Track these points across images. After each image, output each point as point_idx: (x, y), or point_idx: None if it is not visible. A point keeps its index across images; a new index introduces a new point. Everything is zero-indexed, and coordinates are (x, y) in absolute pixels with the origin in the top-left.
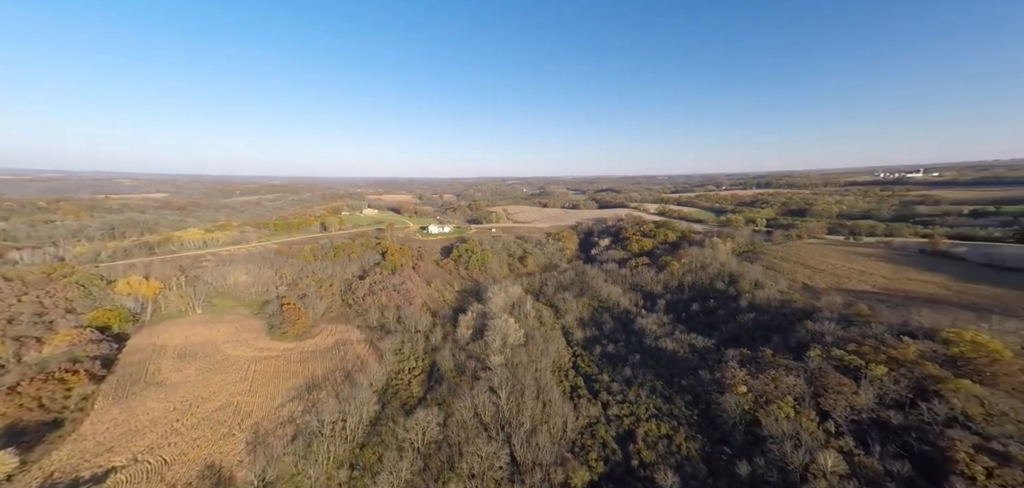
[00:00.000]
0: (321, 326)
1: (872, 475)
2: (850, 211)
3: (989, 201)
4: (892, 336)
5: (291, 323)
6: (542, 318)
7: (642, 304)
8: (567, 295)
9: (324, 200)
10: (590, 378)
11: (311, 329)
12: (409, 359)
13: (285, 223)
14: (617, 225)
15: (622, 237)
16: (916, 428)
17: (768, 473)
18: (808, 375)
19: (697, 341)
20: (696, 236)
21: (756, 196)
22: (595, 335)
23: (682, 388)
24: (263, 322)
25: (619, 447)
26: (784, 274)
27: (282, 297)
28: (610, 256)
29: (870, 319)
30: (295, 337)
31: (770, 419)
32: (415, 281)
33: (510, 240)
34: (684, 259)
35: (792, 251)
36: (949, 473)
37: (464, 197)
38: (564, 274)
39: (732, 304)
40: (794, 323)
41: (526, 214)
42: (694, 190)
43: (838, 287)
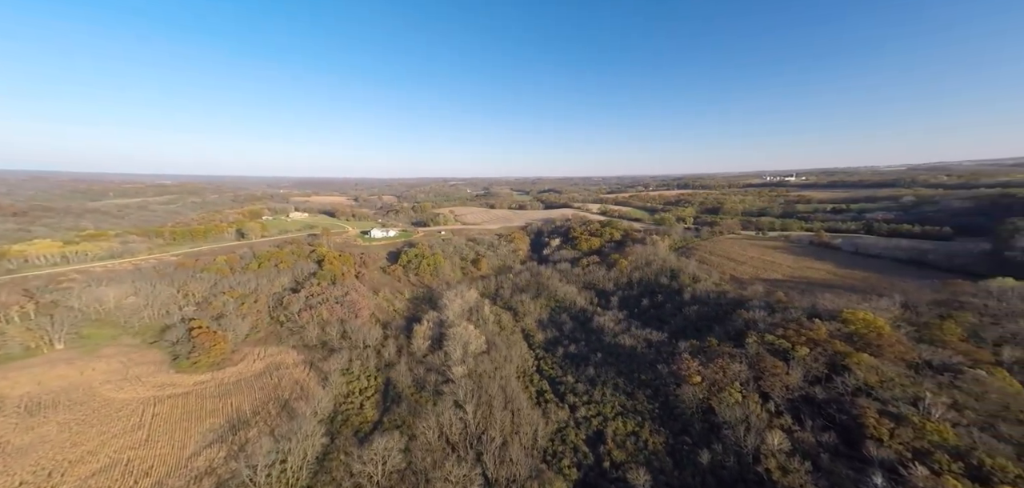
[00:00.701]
0: (245, 350)
1: (808, 448)
2: (750, 209)
3: (841, 200)
4: (807, 319)
5: (204, 350)
6: (502, 322)
7: (597, 302)
8: (524, 297)
9: (236, 203)
10: (555, 381)
11: (232, 355)
12: (359, 379)
13: (187, 231)
14: (565, 225)
15: (571, 237)
16: (835, 401)
17: (726, 459)
18: (748, 360)
19: (652, 336)
20: (638, 234)
21: (679, 196)
22: (556, 336)
23: (643, 383)
24: (163, 352)
25: (590, 450)
26: (715, 267)
27: (190, 320)
28: (562, 256)
29: (788, 305)
30: (210, 366)
31: (723, 406)
32: (360, 291)
33: (461, 243)
34: (631, 257)
35: (718, 246)
36: (863, 438)
37: (406, 198)
38: (519, 276)
39: (677, 298)
40: (730, 313)
41: (474, 215)
42: (627, 191)
43: (758, 277)
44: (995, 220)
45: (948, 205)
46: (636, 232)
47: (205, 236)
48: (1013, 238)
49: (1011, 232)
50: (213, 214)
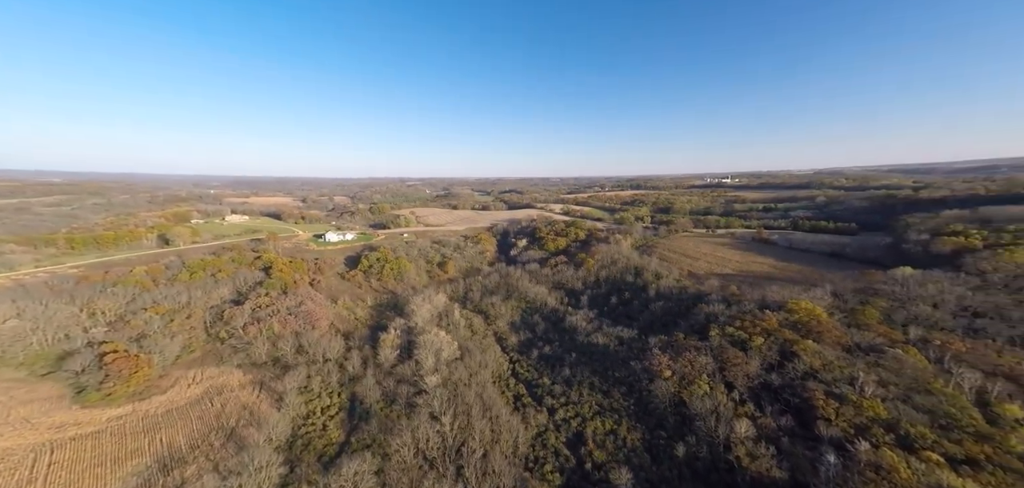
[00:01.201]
0: (177, 374)
1: (770, 432)
2: (697, 208)
3: (770, 200)
4: (759, 310)
5: (121, 378)
6: (473, 327)
7: (567, 302)
8: (495, 299)
9: (155, 205)
10: (532, 384)
11: (159, 381)
12: (320, 397)
13: (91, 238)
14: (531, 225)
15: (538, 237)
16: (788, 386)
17: (699, 450)
18: (713, 352)
19: (623, 333)
20: (601, 234)
21: (634, 196)
22: (529, 338)
23: (617, 380)
24: (61, 385)
25: (571, 453)
26: (674, 263)
27: (101, 343)
28: (530, 256)
29: (742, 298)
30: (130, 397)
31: (693, 398)
32: (317, 300)
33: (426, 245)
34: (597, 256)
35: (675, 243)
36: (814, 418)
37: (360, 199)
38: (488, 278)
39: (642, 294)
40: (692, 307)
41: (437, 216)
42: (585, 191)
43: (712, 272)
44: (888, 217)
45: (851, 205)
46: (599, 232)
47: (116, 243)
48: (907, 233)
49: (904, 228)
50: (125, 218)
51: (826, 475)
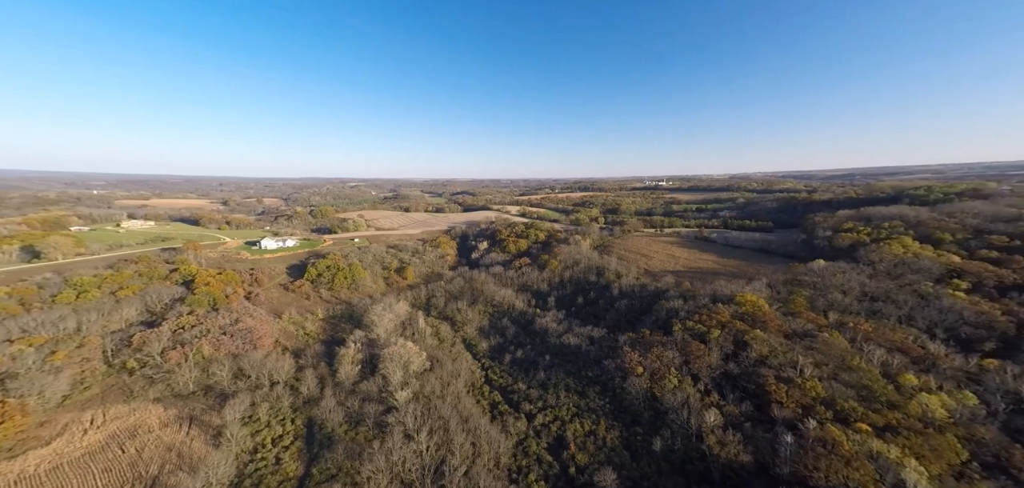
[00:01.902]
0: (65, 418)
1: (734, 419)
2: (641, 209)
3: (701, 201)
4: (712, 304)
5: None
6: (440, 335)
7: (535, 304)
8: (461, 304)
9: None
10: (507, 390)
11: (39, 431)
12: (270, 426)
13: None
14: (491, 228)
15: (498, 239)
16: (744, 373)
17: (674, 442)
18: (678, 346)
19: (594, 333)
20: (560, 235)
21: (583, 198)
22: (500, 343)
23: (591, 380)
24: None
25: (553, 458)
26: (630, 262)
27: None
28: (492, 259)
29: (696, 293)
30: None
31: (665, 393)
32: (258, 315)
33: (381, 250)
34: (560, 257)
35: (629, 243)
36: (769, 402)
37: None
38: (452, 282)
39: (607, 293)
40: (653, 304)
41: (389, 219)
42: (537, 192)
43: (666, 269)
44: (795, 216)
45: (765, 206)
46: (559, 233)
47: None
48: (815, 230)
49: (813, 225)
50: None
51: (785, 455)
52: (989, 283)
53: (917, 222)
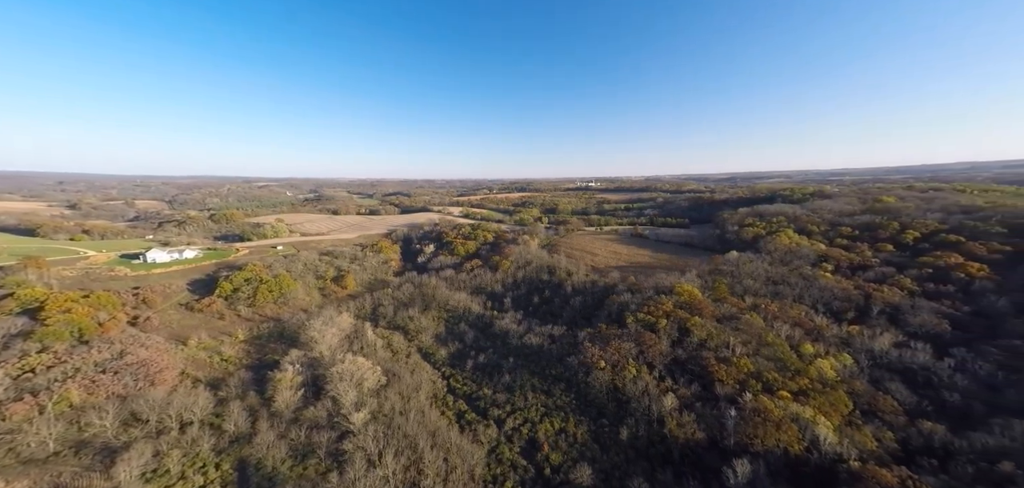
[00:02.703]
0: None
1: (686, 400)
2: (577, 208)
3: (627, 201)
4: (656, 295)
5: None
6: (393, 346)
7: (491, 306)
8: (413, 312)
9: None
10: (473, 397)
11: None
12: (186, 477)
13: None
14: (435, 230)
15: (445, 242)
16: (690, 358)
17: (638, 430)
18: (632, 338)
19: (554, 331)
20: (508, 236)
21: (522, 198)
22: (460, 349)
23: (555, 378)
24: None
25: (528, 461)
26: (578, 259)
27: None
28: (441, 262)
29: (641, 286)
30: None
31: (626, 383)
32: (152, 344)
33: (313, 258)
34: (511, 257)
35: (574, 241)
36: (713, 381)
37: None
38: (401, 289)
39: (561, 291)
40: (605, 299)
41: (316, 224)
42: (474, 193)
43: (610, 265)
44: (706, 214)
45: (680, 205)
46: (506, 234)
47: None
48: (726, 225)
49: (723, 221)
50: None
51: (730, 428)
52: (844, 265)
53: (794, 217)
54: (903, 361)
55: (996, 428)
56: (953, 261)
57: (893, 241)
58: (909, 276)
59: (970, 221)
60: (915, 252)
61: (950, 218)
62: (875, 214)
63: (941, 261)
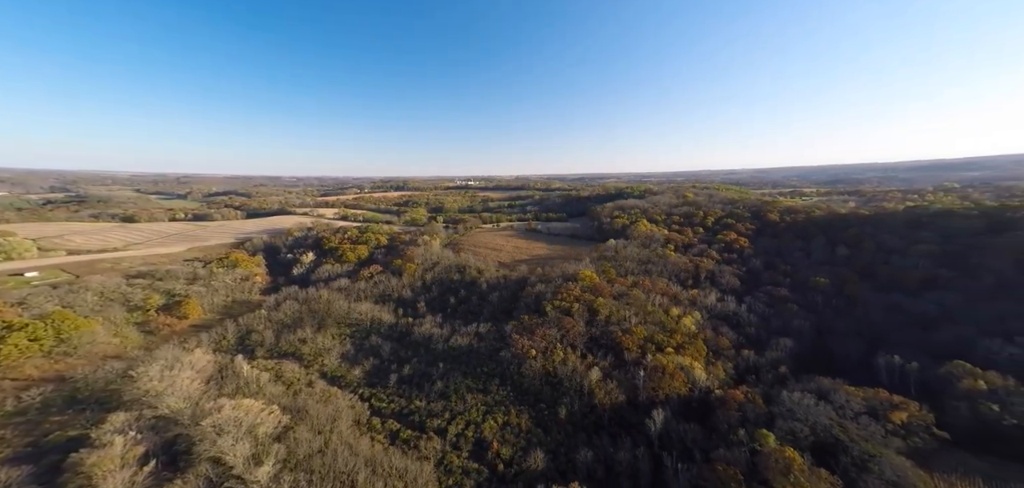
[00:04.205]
0: None
1: (606, 371)
2: (463, 207)
3: (509, 199)
4: (564, 282)
5: None
6: (284, 378)
7: (404, 313)
8: (304, 333)
9: None
10: (404, 413)
11: None
12: None
13: None
14: (311, 235)
15: (328, 248)
16: (602, 334)
17: (573, 405)
18: (554, 324)
19: (480, 329)
20: (404, 237)
21: (403, 197)
22: (377, 365)
23: (489, 375)
24: None
25: (479, 463)
26: (484, 257)
27: None
28: (328, 272)
29: (550, 276)
30: None
31: (557, 366)
32: None
33: (114, 283)
34: (415, 260)
35: (476, 239)
36: (622, 350)
37: None
38: (279, 309)
39: (475, 289)
40: (521, 291)
41: (99, 236)
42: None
43: (517, 259)
44: (578, 209)
45: (554, 201)
46: (401, 235)
47: None
48: (601, 218)
49: (598, 214)
50: None
51: (641, 385)
52: (680, 245)
53: (644, 210)
54: (725, 311)
55: (774, 345)
56: (731, 237)
57: (702, 225)
58: (714, 249)
59: (735, 210)
60: (713, 232)
61: (726, 207)
62: (688, 205)
63: (727, 238)
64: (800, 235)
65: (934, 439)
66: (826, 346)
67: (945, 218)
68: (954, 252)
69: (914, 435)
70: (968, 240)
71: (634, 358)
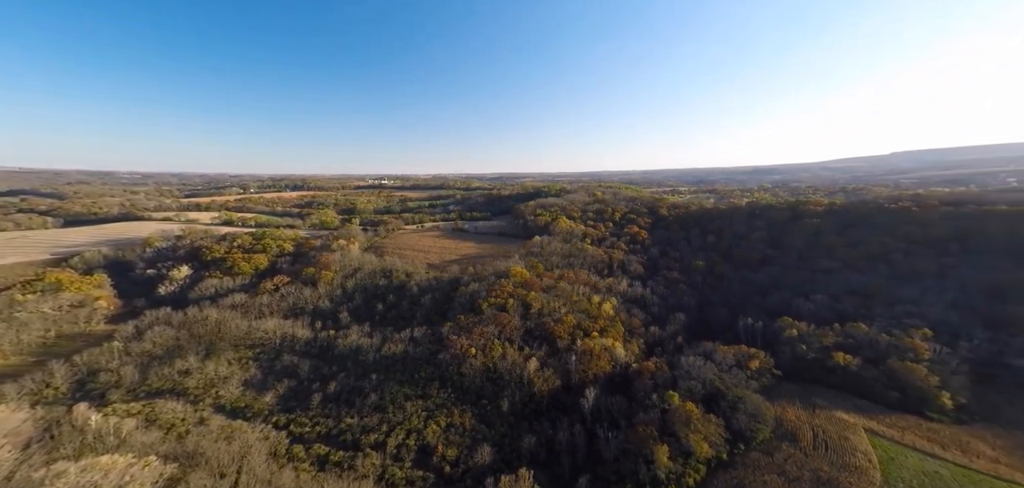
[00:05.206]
0: None
1: (542, 360)
2: (379, 207)
3: (429, 198)
4: (497, 279)
5: None
6: (162, 421)
7: (323, 326)
8: (187, 363)
9: None
10: (333, 435)
11: None
12: None
13: None
14: (182, 245)
15: (212, 260)
16: (537, 326)
17: (514, 397)
18: (491, 321)
19: (415, 333)
20: (314, 242)
21: (304, 197)
22: (294, 386)
23: (428, 379)
24: None
25: (424, 469)
26: (412, 259)
27: None
28: (215, 287)
29: (483, 275)
30: None
31: (496, 361)
32: None
33: None
34: (332, 267)
35: (400, 240)
36: (555, 339)
37: None
38: (144, 337)
39: (406, 293)
40: (454, 291)
41: None
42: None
43: (446, 260)
44: (500, 207)
45: (476, 200)
46: (310, 240)
47: None
48: (525, 216)
49: (522, 212)
50: None
51: (574, 369)
52: (595, 238)
53: (562, 207)
54: (634, 295)
55: (672, 320)
56: (634, 230)
57: (611, 220)
58: (623, 242)
59: (636, 207)
60: (620, 226)
61: (629, 204)
62: (599, 203)
63: (631, 231)
64: (683, 227)
65: (774, 377)
66: (706, 316)
67: (769, 211)
68: (775, 236)
69: (763, 376)
70: (782, 226)
71: (566, 345)
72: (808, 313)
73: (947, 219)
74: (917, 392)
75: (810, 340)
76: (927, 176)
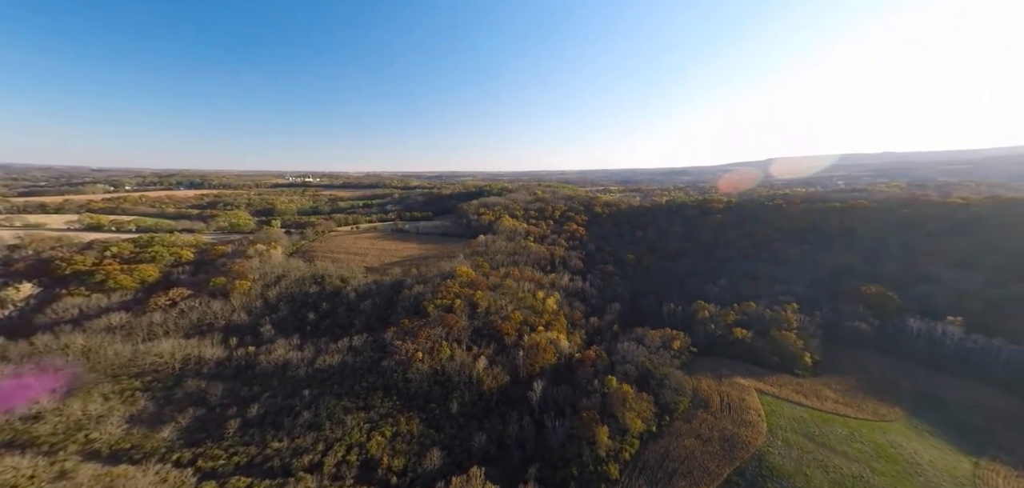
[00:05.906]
0: None
1: (491, 358)
2: (303, 208)
3: (364, 197)
4: (442, 280)
5: None
6: (22, 475)
7: (240, 342)
8: (37, 405)
9: None
10: (257, 462)
11: None
12: None
13: None
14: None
15: (67, 274)
16: (483, 325)
17: (463, 397)
18: (437, 323)
19: (354, 342)
20: (222, 248)
21: (206, 196)
22: (202, 415)
23: (371, 388)
24: None
25: (367, 484)
26: (347, 263)
27: None
28: (79, 307)
29: (427, 276)
30: None
31: (444, 363)
32: None
33: None
34: (250, 275)
35: (333, 243)
36: (503, 336)
37: None
38: None
39: (342, 300)
40: (397, 295)
41: None
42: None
43: (386, 263)
44: (441, 207)
45: (416, 199)
46: (216, 246)
47: None
48: (469, 215)
49: (465, 211)
50: None
51: (521, 363)
52: (537, 236)
53: (505, 206)
54: (575, 289)
55: (609, 310)
56: (573, 227)
57: (552, 218)
58: (563, 239)
59: (573, 205)
60: (560, 224)
61: (567, 203)
62: (540, 201)
63: (570, 228)
64: (615, 223)
65: (692, 353)
66: (637, 304)
67: (684, 208)
68: (689, 230)
69: (683, 354)
70: (694, 221)
71: (513, 341)
72: (715, 296)
73: (804, 214)
74: (789, 355)
75: (717, 319)
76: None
